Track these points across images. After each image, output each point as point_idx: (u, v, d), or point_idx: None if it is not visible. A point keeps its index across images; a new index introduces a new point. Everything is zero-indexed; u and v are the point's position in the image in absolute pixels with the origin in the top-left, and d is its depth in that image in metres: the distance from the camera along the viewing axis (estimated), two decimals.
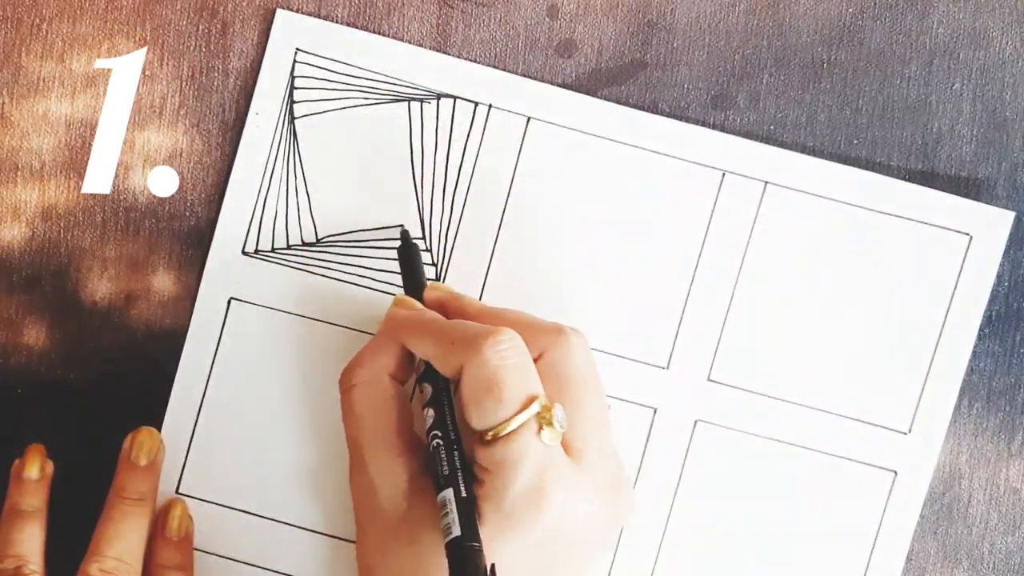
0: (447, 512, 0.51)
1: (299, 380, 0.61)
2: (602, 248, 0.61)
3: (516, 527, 0.52)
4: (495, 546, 0.51)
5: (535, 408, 0.52)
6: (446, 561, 0.51)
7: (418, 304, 0.57)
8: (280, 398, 0.61)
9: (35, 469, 0.60)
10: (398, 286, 0.60)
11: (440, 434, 0.54)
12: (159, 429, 0.61)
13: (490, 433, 0.52)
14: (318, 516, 0.61)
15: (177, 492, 0.61)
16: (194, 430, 0.61)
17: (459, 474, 0.52)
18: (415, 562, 0.53)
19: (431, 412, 0.54)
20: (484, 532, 0.51)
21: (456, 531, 0.50)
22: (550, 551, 0.52)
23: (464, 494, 0.52)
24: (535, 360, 0.54)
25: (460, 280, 0.61)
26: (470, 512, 0.51)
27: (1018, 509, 0.62)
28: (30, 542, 0.59)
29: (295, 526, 0.61)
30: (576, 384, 0.54)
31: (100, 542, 0.58)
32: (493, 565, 0.50)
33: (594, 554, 0.55)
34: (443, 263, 0.61)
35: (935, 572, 0.62)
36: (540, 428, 0.52)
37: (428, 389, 0.55)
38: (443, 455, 0.53)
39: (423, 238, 0.61)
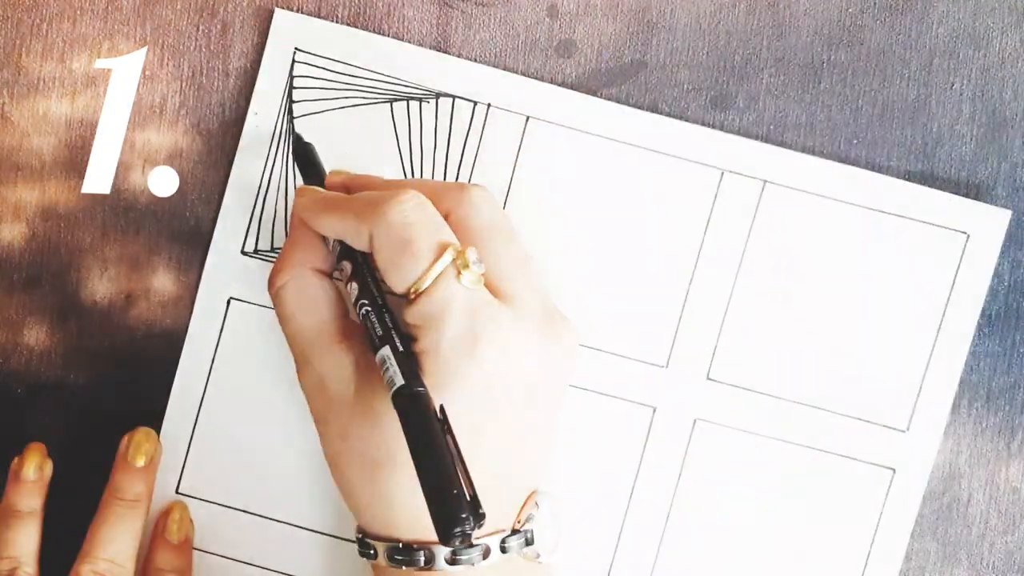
0: (387, 368, 0.51)
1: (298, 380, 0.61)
2: (601, 247, 0.61)
3: (456, 374, 0.52)
4: (440, 394, 0.51)
5: (449, 255, 0.51)
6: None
7: (320, 189, 0.57)
8: (280, 398, 0.61)
9: (33, 468, 0.59)
10: None
11: (366, 301, 0.54)
12: (159, 429, 0.61)
13: (412, 290, 0.52)
14: (318, 516, 0.61)
15: (177, 492, 0.61)
16: (194, 430, 0.61)
17: (392, 332, 0.52)
18: (376, 433, 0.53)
19: (354, 285, 0.54)
20: (428, 385, 0.51)
21: (399, 381, 0.50)
22: (496, 395, 0.52)
23: (400, 348, 0.52)
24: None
25: None
26: (410, 363, 0.51)
27: (1018, 508, 0.62)
28: (25, 543, 0.59)
29: (295, 526, 0.61)
30: (488, 232, 0.54)
31: (93, 543, 0.58)
32: (442, 406, 0.50)
33: (546, 398, 0.55)
34: None
35: (935, 571, 0.61)
36: (459, 273, 0.52)
37: (347, 266, 0.55)
38: (373, 319, 0.53)
39: None
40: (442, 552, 0.52)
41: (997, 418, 0.61)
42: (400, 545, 0.53)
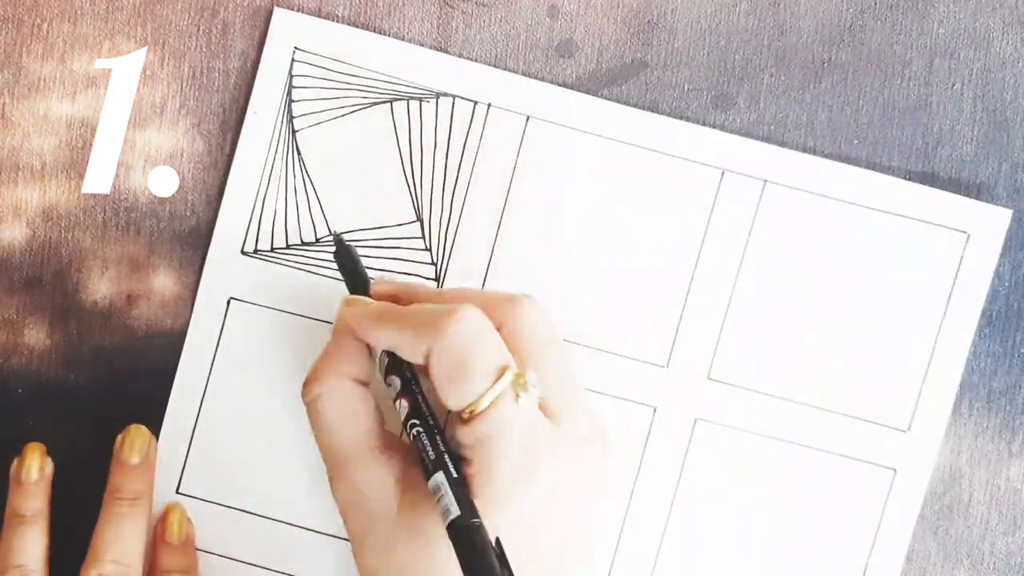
0: (441, 496, 0.51)
1: (298, 379, 0.60)
2: (601, 247, 0.60)
3: (512, 498, 0.51)
4: (493, 521, 0.51)
5: (508, 377, 0.51)
6: (452, 546, 0.50)
7: (369, 299, 0.56)
8: (280, 397, 0.61)
9: (34, 469, 0.59)
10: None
11: (418, 422, 0.53)
12: (159, 429, 0.61)
13: (467, 411, 0.51)
14: (318, 516, 0.61)
15: (177, 492, 0.61)
16: (194, 430, 0.61)
17: (446, 456, 0.52)
18: (424, 554, 0.52)
19: (404, 403, 0.54)
20: (480, 509, 0.51)
21: (455, 511, 0.50)
22: (548, 515, 0.52)
23: (455, 475, 0.51)
24: None
25: (459, 279, 0.61)
26: (464, 491, 0.51)
27: (1018, 509, 0.62)
28: (32, 548, 0.59)
29: (295, 526, 0.61)
30: (541, 348, 0.54)
31: (98, 546, 0.58)
32: (498, 539, 0.49)
33: (590, 509, 0.55)
34: (442, 262, 0.61)
35: (936, 572, 0.61)
36: (516, 396, 0.51)
37: (396, 381, 0.54)
38: (425, 441, 0.52)
39: (422, 237, 0.61)
40: None
41: (998, 419, 0.61)
42: None
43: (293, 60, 0.61)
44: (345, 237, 0.60)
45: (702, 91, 0.61)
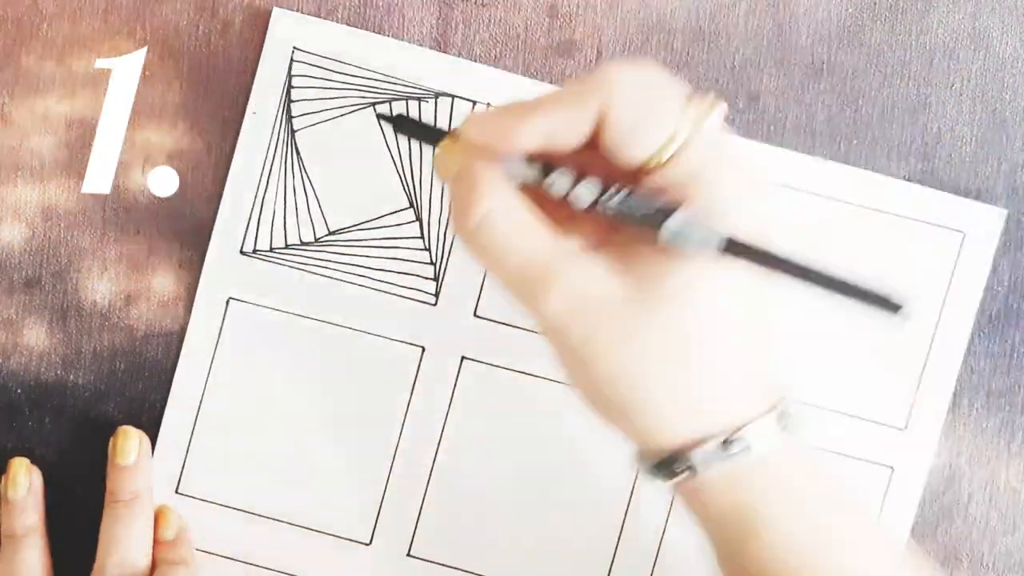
0: (690, 232, 0.45)
1: (298, 379, 0.61)
2: None
3: (749, 215, 0.47)
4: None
5: (697, 99, 0.47)
6: (706, 297, 0.46)
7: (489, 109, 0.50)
8: (279, 397, 0.61)
9: (22, 487, 0.59)
10: (397, 284, 0.61)
11: (619, 188, 0.47)
12: (158, 429, 0.61)
13: (666, 149, 0.46)
14: (318, 516, 0.61)
15: (177, 492, 0.61)
16: (193, 430, 0.61)
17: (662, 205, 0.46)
18: (673, 321, 0.46)
19: (588, 186, 0.47)
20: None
21: (720, 231, 0.45)
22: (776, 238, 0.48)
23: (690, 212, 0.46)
24: None
25: (458, 280, 0.61)
26: (702, 218, 0.46)
27: (1018, 509, 0.62)
28: (31, 567, 0.59)
29: (295, 526, 0.61)
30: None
31: (101, 553, 0.59)
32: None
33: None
34: (441, 262, 0.61)
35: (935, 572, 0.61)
36: (705, 119, 0.46)
37: (565, 174, 0.47)
38: (637, 202, 0.46)
39: (421, 237, 0.61)
40: (768, 426, 0.47)
41: (997, 419, 0.61)
42: (724, 441, 0.47)
43: (292, 60, 0.61)
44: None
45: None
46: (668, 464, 0.48)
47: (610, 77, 0.46)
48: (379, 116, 0.58)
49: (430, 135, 0.51)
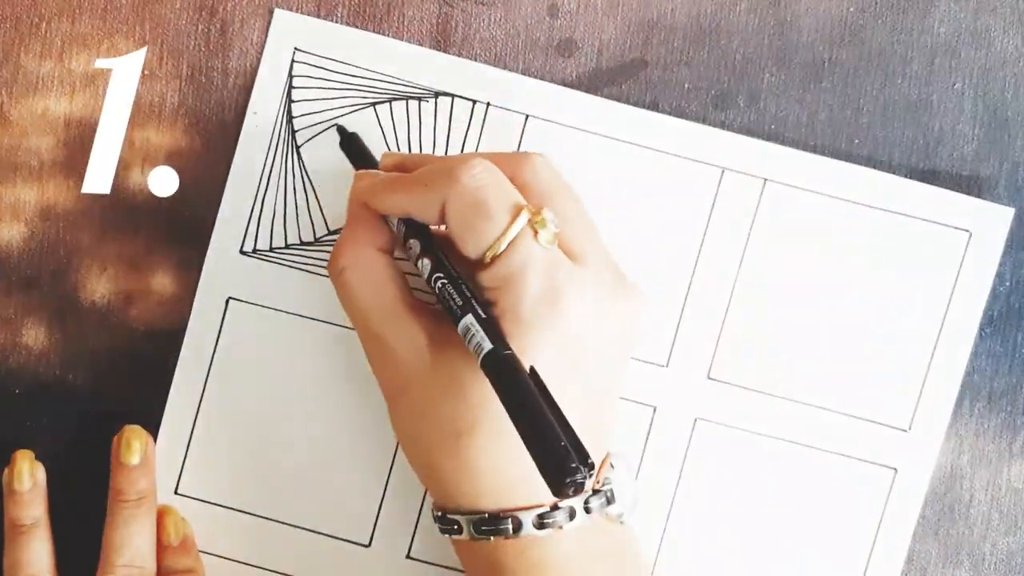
0: (472, 335, 0.51)
1: (297, 379, 0.61)
2: None
3: (539, 329, 0.51)
4: (523, 356, 0.50)
5: (525, 216, 0.52)
6: (489, 386, 0.50)
7: (378, 172, 0.57)
8: (278, 397, 0.61)
9: (26, 477, 0.59)
10: None
11: (442, 275, 0.53)
12: (157, 429, 0.61)
13: (488, 254, 0.52)
14: (318, 516, 0.61)
15: (176, 492, 0.61)
16: (193, 430, 0.61)
17: (472, 300, 0.52)
18: (459, 402, 0.52)
19: (426, 261, 0.54)
20: (512, 344, 0.51)
21: (487, 345, 0.50)
22: (577, 352, 0.52)
23: (483, 315, 0.51)
24: None
25: None
26: (494, 327, 0.51)
27: (1019, 509, 0.61)
28: (38, 558, 0.59)
29: (295, 526, 0.61)
30: (554, 194, 0.54)
31: (108, 552, 0.58)
32: (532, 367, 0.49)
33: (618, 357, 0.55)
34: None
35: (936, 572, 0.61)
36: (535, 233, 0.52)
37: (415, 244, 0.55)
38: (451, 290, 0.53)
39: None
40: (529, 517, 0.52)
41: (999, 419, 0.61)
42: (486, 516, 0.53)
43: (293, 60, 0.61)
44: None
45: (702, 90, 0.61)
46: (445, 523, 0.54)
47: (452, 178, 0.52)
48: (338, 128, 0.60)
49: (361, 163, 0.58)
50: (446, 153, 0.60)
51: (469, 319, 0.51)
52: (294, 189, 0.61)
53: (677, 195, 0.60)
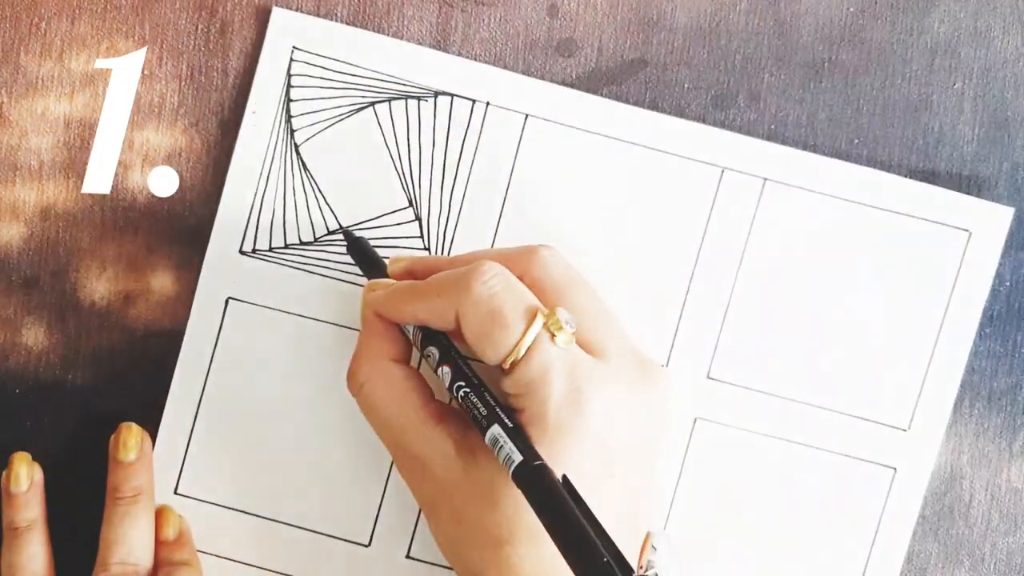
0: (500, 447, 0.51)
1: (297, 379, 0.61)
2: (600, 245, 0.60)
3: (567, 433, 0.51)
4: (557, 460, 0.50)
5: (540, 319, 0.52)
6: (521, 496, 0.50)
7: (388, 281, 0.57)
8: (278, 397, 0.61)
9: (24, 481, 0.59)
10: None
11: (463, 383, 0.53)
12: (157, 429, 0.61)
13: (508, 361, 0.52)
14: (318, 516, 0.61)
15: (176, 492, 0.61)
16: (192, 430, 0.61)
17: (497, 409, 0.52)
18: (496, 512, 0.52)
19: (446, 369, 0.54)
20: (541, 452, 0.50)
21: (517, 457, 0.50)
22: (608, 450, 0.52)
23: (510, 424, 0.51)
24: None
25: None
26: (523, 437, 0.51)
27: (1019, 509, 0.61)
28: (34, 562, 0.59)
29: (295, 526, 0.61)
30: (567, 289, 0.54)
31: (104, 550, 0.59)
32: (564, 476, 0.49)
33: (653, 444, 0.54)
34: None
35: (936, 572, 0.61)
36: (552, 336, 0.52)
37: (434, 352, 0.55)
38: (474, 399, 0.53)
39: (421, 236, 0.61)
40: None
41: (999, 419, 0.61)
42: None
43: (292, 59, 0.61)
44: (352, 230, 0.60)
45: (702, 90, 0.61)
46: None
47: (465, 288, 0.52)
48: (344, 233, 0.60)
49: (369, 268, 0.58)
50: (445, 153, 0.60)
51: (496, 430, 0.51)
52: (293, 189, 0.61)
53: (677, 195, 0.60)
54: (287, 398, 0.61)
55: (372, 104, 0.61)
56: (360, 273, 0.59)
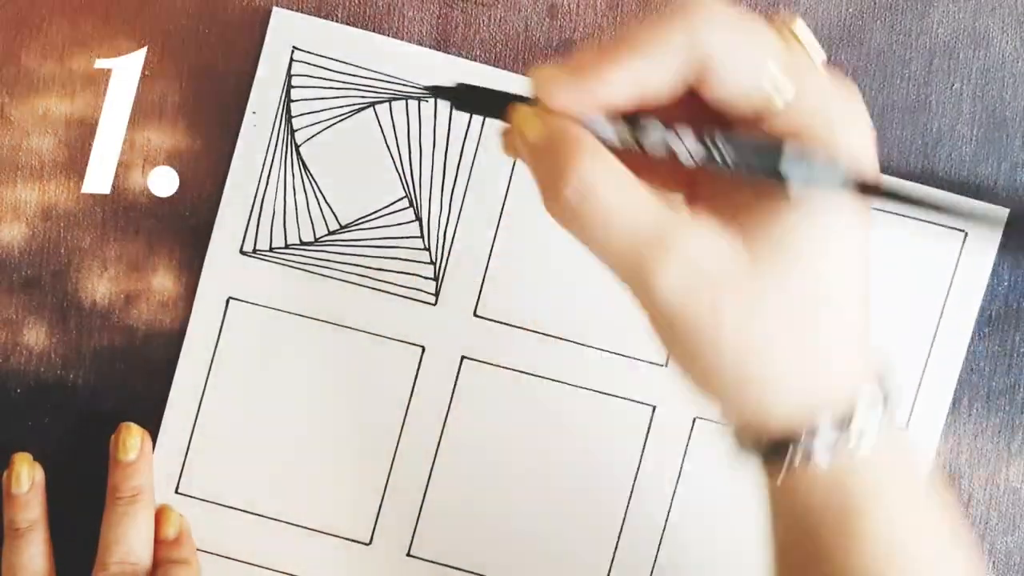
0: (814, 171, 0.41)
1: (298, 379, 0.61)
2: None
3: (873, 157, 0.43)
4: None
5: (801, 23, 0.44)
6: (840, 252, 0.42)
7: (550, 72, 0.42)
8: (279, 397, 0.61)
9: (25, 482, 0.59)
10: (397, 284, 0.61)
11: (722, 140, 0.42)
12: (158, 429, 0.61)
13: (786, 88, 0.42)
14: (318, 515, 0.61)
15: (176, 492, 0.61)
16: (193, 430, 0.61)
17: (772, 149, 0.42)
18: (802, 282, 0.43)
19: (688, 139, 0.42)
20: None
21: (841, 174, 0.41)
22: None
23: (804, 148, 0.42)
24: None
25: (459, 278, 0.61)
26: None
27: (1018, 509, 0.62)
28: (34, 563, 0.59)
29: (295, 525, 0.61)
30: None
31: (103, 550, 0.59)
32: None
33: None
34: (442, 261, 0.61)
35: None
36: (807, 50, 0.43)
37: (655, 135, 0.42)
38: (745, 139, 0.42)
39: (421, 236, 0.61)
40: (877, 400, 0.43)
41: (997, 418, 0.61)
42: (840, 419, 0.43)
43: (292, 60, 0.61)
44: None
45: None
46: (782, 448, 0.44)
47: (696, 16, 0.41)
48: (434, 90, 0.47)
49: (493, 105, 0.44)
50: (445, 153, 0.61)
51: (803, 157, 0.41)
52: (294, 189, 0.61)
53: None
54: (288, 398, 0.61)
55: (372, 104, 0.61)
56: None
